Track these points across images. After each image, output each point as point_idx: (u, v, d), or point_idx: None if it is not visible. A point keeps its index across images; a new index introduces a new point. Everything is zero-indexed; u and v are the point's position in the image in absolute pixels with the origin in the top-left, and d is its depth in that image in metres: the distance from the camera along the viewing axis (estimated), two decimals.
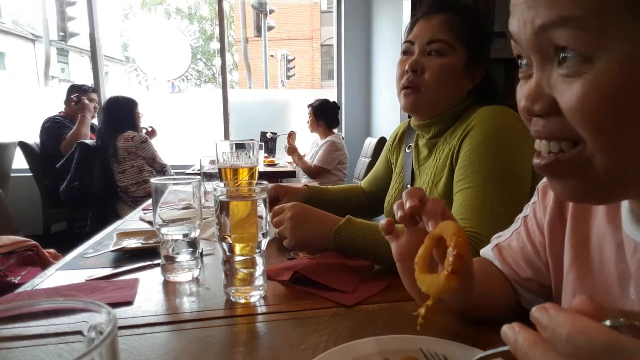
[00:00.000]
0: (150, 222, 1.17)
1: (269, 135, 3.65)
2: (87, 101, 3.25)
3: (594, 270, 0.49)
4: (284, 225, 0.87)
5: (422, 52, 0.97)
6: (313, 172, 3.24)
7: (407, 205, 0.50)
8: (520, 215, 0.64)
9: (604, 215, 0.48)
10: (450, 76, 0.97)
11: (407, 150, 1.15)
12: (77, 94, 3.27)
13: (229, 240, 0.64)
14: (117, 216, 2.73)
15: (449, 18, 0.96)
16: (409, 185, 1.10)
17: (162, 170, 3.01)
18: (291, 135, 3.44)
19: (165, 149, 3.21)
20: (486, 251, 0.68)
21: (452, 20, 0.96)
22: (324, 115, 3.34)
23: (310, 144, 3.69)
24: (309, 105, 3.40)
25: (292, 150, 3.33)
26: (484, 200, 0.84)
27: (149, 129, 3.29)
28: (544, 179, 0.61)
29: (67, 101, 3.29)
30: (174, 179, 0.76)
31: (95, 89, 3.45)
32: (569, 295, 0.52)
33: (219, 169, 1.13)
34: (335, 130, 3.42)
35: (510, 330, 0.29)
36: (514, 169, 0.87)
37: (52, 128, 3.19)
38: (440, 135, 1.03)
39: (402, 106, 1.03)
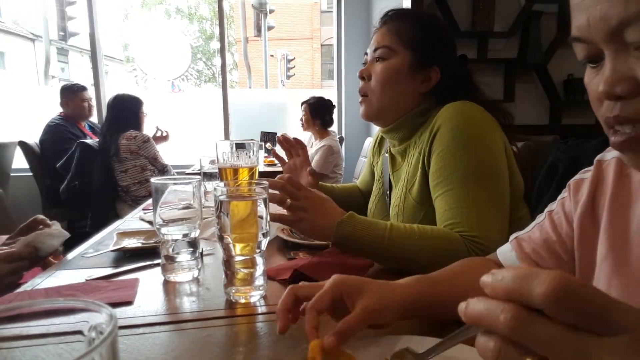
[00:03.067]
0: (150, 222, 1.17)
1: (268, 146, 3.56)
2: None
3: (631, 259, 0.50)
4: (300, 204, 0.82)
5: (372, 61, 1.02)
6: None
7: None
8: (546, 209, 0.65)
9: None
10: (393, 79, 0.98)
11: (385, 155, 1.15)
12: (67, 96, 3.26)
13: (229, 240, 0.64)
14: (117, 216, 2.73)
15: (393, 25, 1.00)
16: (388, 192, 1.11)
17: (163, 170, 3.00)
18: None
19: (165, 149, 3.21)
20: (504, 247, 0.68)
21: (396, 27, 1.00)
22: (320, 113, 3.23)
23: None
24: (304, 103, 3.28)
25: None
26: (468, 200, 0.83)
27: (164, 133, 3.28)
28: (576, 176, 0.61)
29: (63, 103, 3.28)
30: (174, 179, 0.75)
31: (85, 87, 3.40)
32: (603, 284, 0.53)
33: (219, 169, 1.13)
34: (330, 130, 3.33)
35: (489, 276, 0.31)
36: (488, 163, 0.87)
37: (54, 131, 3.19)
38: (407, 140, 1.03)
39: (360, 115, 1.06)
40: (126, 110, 2.94)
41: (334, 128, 4.36)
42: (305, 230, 0.83)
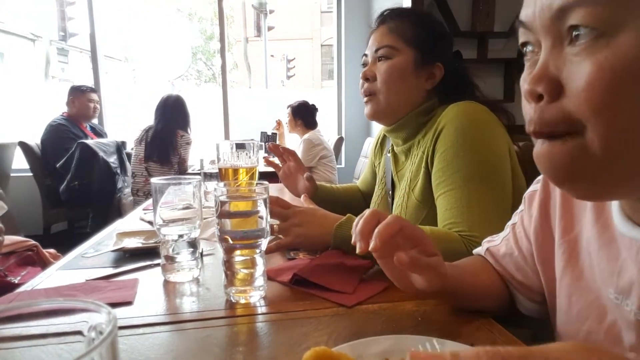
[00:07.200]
0: (150, 222, 1.16)
1: (269, 132, 3.67)
2: None
3: (584, 274, 0.49)
4: (290, 222, 0.85)
5: (374, 61, 1.02)
6: None
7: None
8: (509, 223, 0.65)
9: (591, 217, 0.49)
10: (399, 77, 0.99)
11: (387, 155, 1.15)
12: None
13: (229, 240, 0.64)
14: (120, 214, 2.73)
15: (393, 25, 1.01)
16: (390, 192, 1.11)
17: (183, 173, 3.02)
18: (279, 124, 3.52)
19: None
20: (478, 252, 0.69)
21: (396, 26, 1.00)
22: (302, 114, 3.37)
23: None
24: (288, 106, 3.44)
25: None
26: (470, 200, 0.83)
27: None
28: (530, 188, 0.61)
29: (69, 102, 3.29)
30: (174, 179, 0.76)
31: (95, 89, 3.44)
32: (564, 300, 0.52)
33: (219, 169, 1.13)
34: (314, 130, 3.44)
35: None
36: (492, 164, 0.87)
37: (55, 131, 3.19)
38: (412, 139, 1.03)
39: (365, 115, 1.06)
40: (178, 110, 3.00)
41: (334, 127, 4.38)
42: (305, 244, 0.85)
